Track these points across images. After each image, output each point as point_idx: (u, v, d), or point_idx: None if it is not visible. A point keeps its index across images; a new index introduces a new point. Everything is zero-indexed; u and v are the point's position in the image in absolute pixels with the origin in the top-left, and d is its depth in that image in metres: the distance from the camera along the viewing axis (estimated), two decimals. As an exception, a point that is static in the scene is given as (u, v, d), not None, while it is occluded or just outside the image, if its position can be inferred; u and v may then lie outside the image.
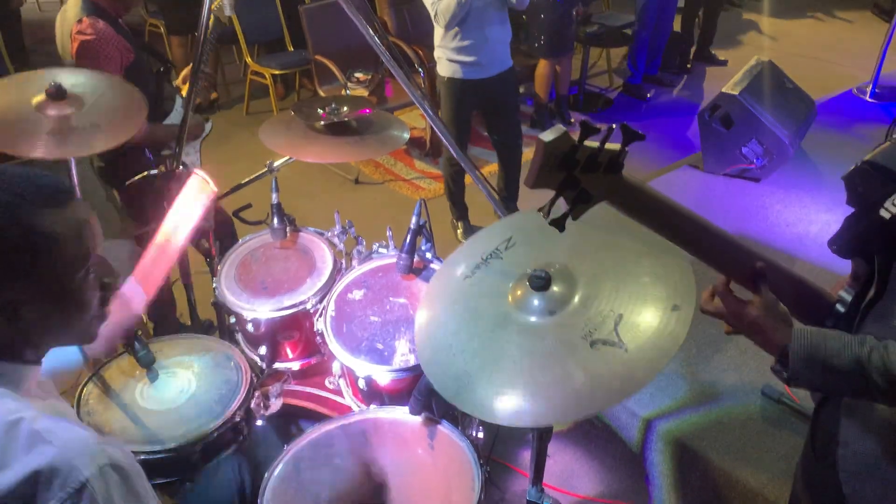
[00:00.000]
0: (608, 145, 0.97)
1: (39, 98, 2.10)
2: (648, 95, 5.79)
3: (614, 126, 0.96)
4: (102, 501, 0.90)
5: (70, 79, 2.19)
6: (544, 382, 1.31)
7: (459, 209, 4.04)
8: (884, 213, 1.18)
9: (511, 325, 1.41)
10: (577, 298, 1.40)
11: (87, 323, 1.08)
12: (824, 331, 1.10)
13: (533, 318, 1.40)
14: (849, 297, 1.29)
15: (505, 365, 1.36)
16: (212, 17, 2.51)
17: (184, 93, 2.82)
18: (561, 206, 1.01)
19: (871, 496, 1.28)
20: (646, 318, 1.31)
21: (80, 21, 2.47)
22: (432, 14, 3.44)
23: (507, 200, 4.06)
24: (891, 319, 1.16)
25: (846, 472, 1.31)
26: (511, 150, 3.96)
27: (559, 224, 1.01)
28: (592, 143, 0.97)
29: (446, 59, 3.56)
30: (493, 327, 1.43)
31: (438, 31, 3.54)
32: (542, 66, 5.09)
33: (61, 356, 1.37)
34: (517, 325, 1.41)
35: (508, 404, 1.30)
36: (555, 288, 1.41)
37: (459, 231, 4.03)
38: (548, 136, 0.95)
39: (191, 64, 2.59)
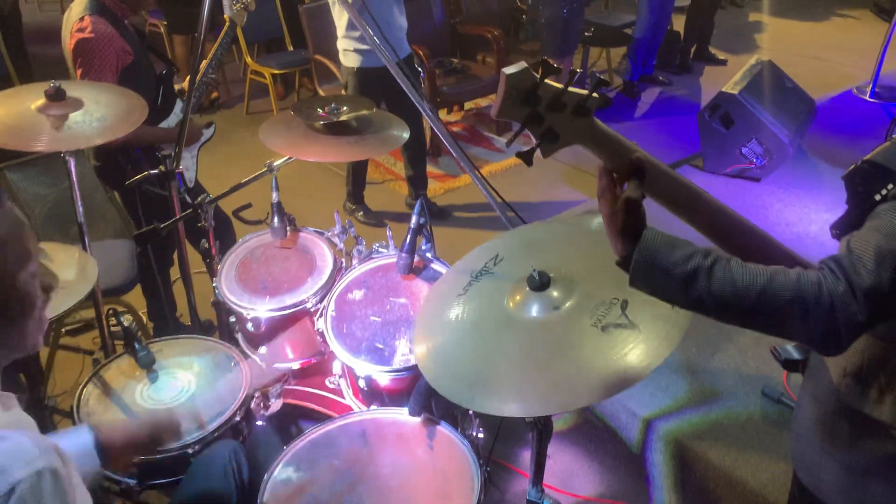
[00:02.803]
0: (573, 89, 1.04)
1: (39, 102, 2.10)
2: (640, 95, 5.78)
3: (579, 70, 1.01)
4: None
5: (72, 88, 2.20)
6: (565, 371, 1.31)
7: (358, 194, 4.13)
8: (877, 197, 1.19)
9: (516, 325, 1.42)
10: (578, 294, 1.41)
11: (29, 329, 1.07)
12: (675, 239, 1.08)
13: (537, 315, 1.41)
14: None
15: (520, 361, 1.37)
16: (227, 20, 2.51)
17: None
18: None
19: (806, 459, 1.33)
20: (653, 298, 1.31)
21: (81, 19, 2.46)
22: None
23: (418, 189, 4.17)
24: None
25: (794, 431, 1.36)
26: (413, 137, 4.07)
27: (527, 157, 1.07)
28: (559, 84, 1.04)
29: (352, 49, 3.64)
30: (498, 329, 1.44)
31: (341, 23, 3.63)
32: None
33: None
34: (522, 323, 1.41)
35: (532, 397, 1.31)
36: (554, 288, 1.42)
37: (360, 214, 4.13)
38: (510, 69, 1.01)
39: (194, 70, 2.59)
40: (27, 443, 0.95)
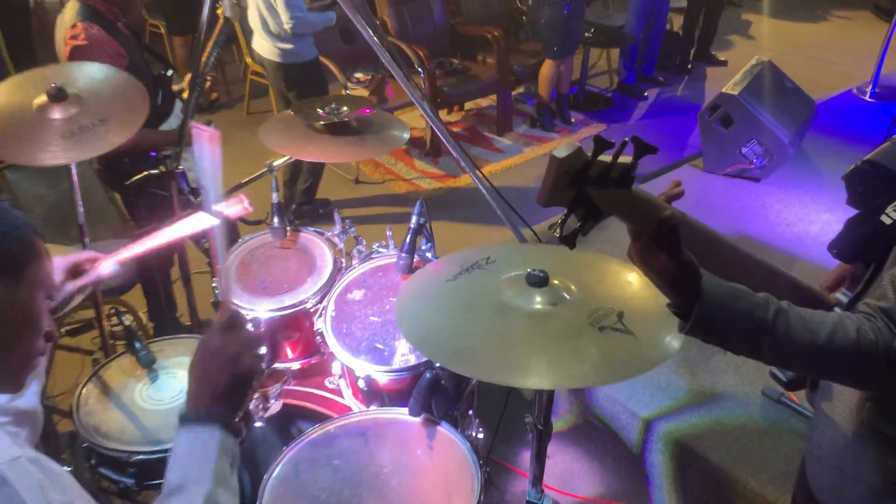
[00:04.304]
0: (623, 158, 0.93)
1: (40, 100, 2.07)
2: (646, 94, 5.78)
3: (627, 140, 0.93)
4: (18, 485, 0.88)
5: (69, 74, 2.17)
6: (560, 354, 1.33)
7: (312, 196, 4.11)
8: (885, 219, 1.19)
9: (512, 311, 1.42)
10: (574, 299, 1.41)
11: (27, 357, 1.04)
12: (734, 289, 1.05)
13: (535, 306, 1.41)
14: (846, 301, 1.30)
15: (514, 339, 1.37)
16: (221, 17, 2.49)
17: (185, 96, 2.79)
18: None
19: (827, 482, 1.32)
20: (647, 310, 1.31)
21: (73, 26, 2.45)
22: (287, 21, 3.66)
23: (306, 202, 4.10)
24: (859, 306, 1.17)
25: (811, 454, 1.35)
26: None
27: (570, 242, 0.96)
28: (604, 157, 0.93)
29: (293, 47, 3.83)
30: (492, 313, 1.43)
31: (272, 24, 3.79)
32: (548, 66, 5.08)
33: None
34: (519, 311, 1.41)
35: (522, 370, 1.33)
36: (551, 286, 1.42)
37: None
38: (561, 152, 0.90)
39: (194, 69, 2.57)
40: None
